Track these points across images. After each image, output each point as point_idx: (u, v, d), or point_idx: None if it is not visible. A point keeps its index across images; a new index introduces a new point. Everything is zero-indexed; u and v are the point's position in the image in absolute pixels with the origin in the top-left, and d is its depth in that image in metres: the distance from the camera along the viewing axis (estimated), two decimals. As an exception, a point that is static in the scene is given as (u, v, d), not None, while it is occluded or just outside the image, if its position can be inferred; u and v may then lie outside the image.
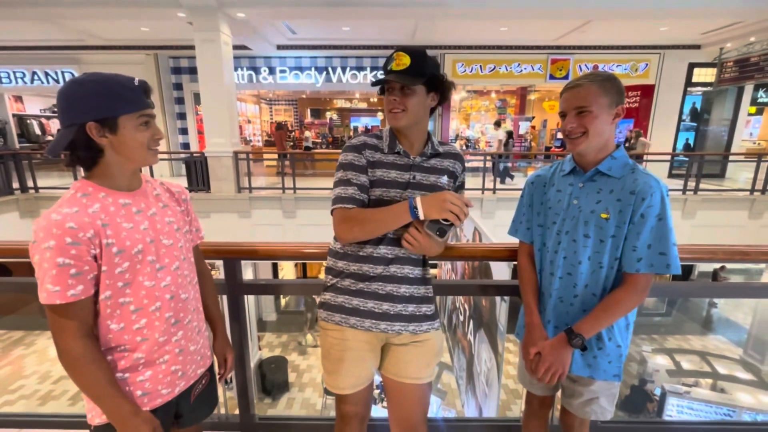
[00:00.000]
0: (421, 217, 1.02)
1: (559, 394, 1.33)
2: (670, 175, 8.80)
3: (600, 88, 1.05)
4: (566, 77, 9.08)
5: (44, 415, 1.74)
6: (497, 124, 9.39)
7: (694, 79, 8.94)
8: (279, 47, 8.80)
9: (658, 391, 4.28)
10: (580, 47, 8.79)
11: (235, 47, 7.01)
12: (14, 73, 9.08)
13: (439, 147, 1.19)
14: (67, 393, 5.21)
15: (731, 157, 8.89)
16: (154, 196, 1.01)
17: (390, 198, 1.12)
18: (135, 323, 0.93)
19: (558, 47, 8.82)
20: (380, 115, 13.07)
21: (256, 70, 9.42)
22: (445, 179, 1.16)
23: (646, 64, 8.94)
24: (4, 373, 5.62)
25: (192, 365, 1.05)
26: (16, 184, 6.82)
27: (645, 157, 7.89)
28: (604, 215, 1.09)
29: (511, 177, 8.40)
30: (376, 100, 13.26)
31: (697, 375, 5.22)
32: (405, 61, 1.06)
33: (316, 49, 9.02)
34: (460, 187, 1.22)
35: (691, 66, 8.86)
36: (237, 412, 1.63)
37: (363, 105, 13.96)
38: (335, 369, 1.17)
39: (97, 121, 0.85)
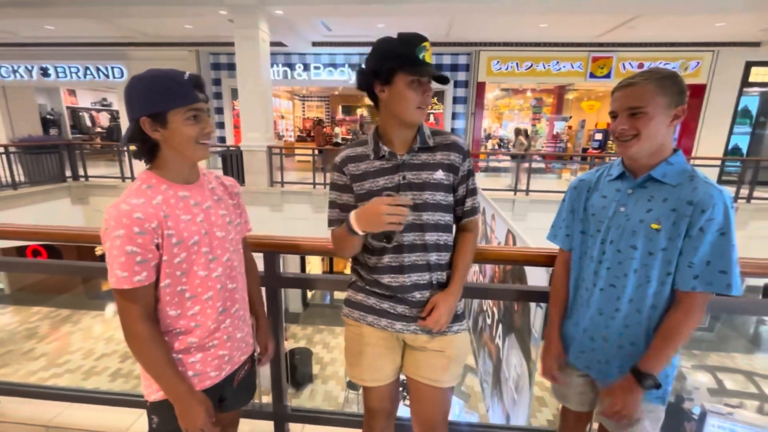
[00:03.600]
0: (361, 234, 1.00)
1: (597, 410, 1.27)
2: (720, 182, 8.26)
3: (657, 86, 0.97)
4: (608, 76, 8.67)
5: (90, 391, 1.83)
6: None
7: (751, 79, 8.32)
8: (314, 44, 8.92)
9: (697, 410, 4.03)
10: (624, 44, 8.36)
11: (272, 44, 7.15)
12: (69, 68, 9.68)
13: (429, 140, 1.10)
14: (108, 370, 5.54)
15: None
16: (209, 190, 1.05)
17: None
18: (189, 310, 0.97)
19: (600, 44, 8.43)
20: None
21: (291, 66, 9.59)
22: (440, 174, 1.08)
23: (698, 63, 8.39)
24: (53, 348, 6.05)
25: (237, 351, 1.09)
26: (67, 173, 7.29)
27: (692, 162, 7.43)
28: (654, 226, 1.00)
29: None
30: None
31: (743, 396, 4.88)
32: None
33: (350, 46, 9.07)
34: (465, 178, 1.13)
35: (749, 65, 8.24)
36: (268, 401, 1.67)
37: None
38: (355, 362, 1.20)
39: (150, 116, 0.88)
